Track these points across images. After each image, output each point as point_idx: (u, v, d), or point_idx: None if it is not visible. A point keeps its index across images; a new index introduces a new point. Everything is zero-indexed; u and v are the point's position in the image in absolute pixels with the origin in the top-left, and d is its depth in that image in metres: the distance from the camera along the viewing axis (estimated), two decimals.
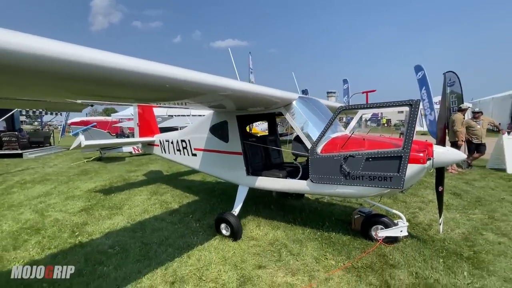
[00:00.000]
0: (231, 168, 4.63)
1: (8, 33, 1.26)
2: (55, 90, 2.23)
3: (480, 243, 3.72)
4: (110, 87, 2.15)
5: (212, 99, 3.30)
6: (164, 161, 11.70)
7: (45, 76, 1.61)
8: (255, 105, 3.97)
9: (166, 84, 2.22)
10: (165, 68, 2.12)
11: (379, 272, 3.07)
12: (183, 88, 2.43)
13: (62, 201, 6.06)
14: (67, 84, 1.97)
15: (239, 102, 3.80)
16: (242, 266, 3.29)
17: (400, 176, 3.08)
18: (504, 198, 5.56)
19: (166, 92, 2.51)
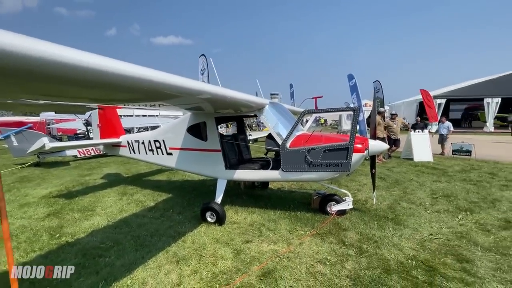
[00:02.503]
0: (210, 164, 5.20)
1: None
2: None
3: (399, 209, 5.18)
4: (85, 88, 2.06)
5: (194, 102, 3.67)
6: (118, 163, 11.32)
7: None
8: (235, 109, 4.66)
9: (146, 87, 2.22)
10: (147, 71, 2.13)
11: (336, 235, 4.13)
12: (171, 92, 2.54)
13: (17, 209, 5.64)
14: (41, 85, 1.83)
15: (222, 106, 4.43)
16: (232, 243, 3.97)
17: (348, 162, 4.21)
18: (412, 179, 7.48)
19: (146, 94, 2.52)
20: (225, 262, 3.45)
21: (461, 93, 26.68)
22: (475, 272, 3.11)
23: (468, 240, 3.88)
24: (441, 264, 3.28)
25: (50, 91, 2.12)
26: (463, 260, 3.37)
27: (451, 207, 5.24)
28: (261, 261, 3.47)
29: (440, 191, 6.25)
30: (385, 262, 3.36)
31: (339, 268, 3.26)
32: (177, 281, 3.07)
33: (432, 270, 3.15)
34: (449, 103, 28.26)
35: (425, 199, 5.76)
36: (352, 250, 3.67)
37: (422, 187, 6.64)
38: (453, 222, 4.54)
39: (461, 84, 29.25)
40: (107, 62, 1.79)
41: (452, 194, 6.03)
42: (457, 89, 27.33)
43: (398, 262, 3.36)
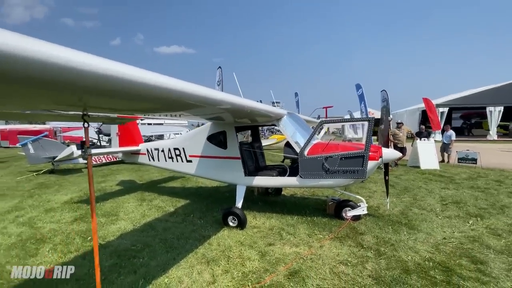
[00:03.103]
0: (230, 171, 5.46)
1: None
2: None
3: (411, 215, 5.39)
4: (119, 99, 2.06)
5: (216, 112, 3.85)
6: (130, 170, 11.61)
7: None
8: (255, 119, 4.96)
9: (175, 97, 2.22)
10: (178, 82, 2.14)
11: (354, 239, 4.35)
12: (194, 102, 2.55)
13: (44, 214, 5.90)
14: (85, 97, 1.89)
15: (242, 116, 4.72)
16: (255, 246, 4.19)
17: (364, 169, 4.47)
18: (421, 186, 7.68)
19: (169, 104, 2.53)
20: (252, 263, 3.67)
21: (463, 102, 27.01)
22: (490, 272, 3.32)
23: (480, 244, 4.09)
24: (457, 265, 3.49)
25: (84, 102, 2.12)
26: (477, 261, 3.57)
27: (462, 213, 5.45)
28: (286, 262, 3.69)
29: (449, 198, 6.45)
30: (404, 263, 3.57)
31: (361, 269, 3.48)
32: (211, 280, 3.29)
33: (449, 271, 3.36)
34: (452, 112, 28.59)
35: (435, 205, 5.97)
36: (370, 253, 3.89)
37: (431, 194, 6.85)
38: (465, 227, 4.74)
39: (463, 93, 29.58)
40: (142, 74, 1.76)
41: (461, 200, 6.23)
42: (460, 98, 27.67)
43: (416, 263, 3.57)
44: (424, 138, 11.06)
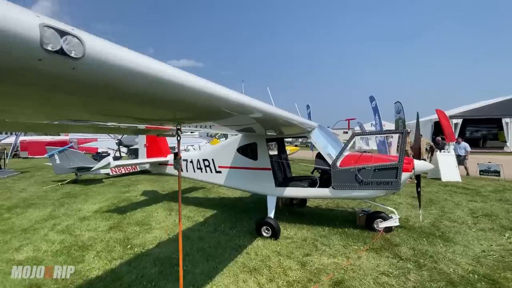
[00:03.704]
0: (260, 182, 5.59)
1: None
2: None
3: (443, 227, 5.36)
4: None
5: (246, 122, 3.87)
6: (149, 181, 11.85)
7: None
8: (288, 131, 5.12)
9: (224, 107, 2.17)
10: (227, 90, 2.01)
11: (390, 250, 4.36)
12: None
13: (79, 222, 6.10)
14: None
15: (275, 127, 4.89)
16: (293, 256, 4.25)
17: (398, 181, 4.53)
18: (447, 199, 7.61)
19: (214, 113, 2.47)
20: (295, 272, 3.73)
21: (478, 113, 26.65)
22: None
23: None
24: (503, 278, 3.47)
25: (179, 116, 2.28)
26: None
27: (495, 226, 5.38)
28: (327, 272, 3.73)
29: (479, 211, 6.38)
30: (447, 276, 3.57)
31: (404, 280, 3.49)
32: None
33: (496, 283, 3.35)
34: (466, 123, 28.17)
35: (466, 218, 5.91)
36: (410, 264, 3.90)
37: (459, 207, 6.78)
38: (502, 240, 4.69)
39: (478, 104, 29.23)
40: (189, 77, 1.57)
41: (492, 213, 6.15)
42: (474, 109, 27.33)
43: (459, 275, 3.57)
44: (444, 150, 10.99)
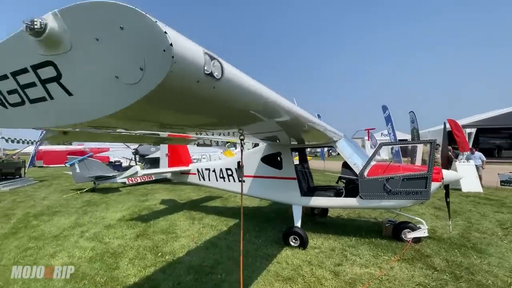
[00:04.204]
0: (286, 191, 5.63)
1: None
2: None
3: (473, 239, 5.27)
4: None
5: (273, 129, 4.05)
6: (165, 190, 11.99)
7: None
8: (316, 140, 5.19)
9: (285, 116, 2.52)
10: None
11: (422, 261, 4.31)
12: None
13: (105, 230, 6.21)
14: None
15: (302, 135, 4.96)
16: (324, 265, 4.25)
17: (427, 191, 4.52)
18: (471, 210, 7.48)
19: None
20: (329, 282, 3.73)
21: (492, 122, 26.22)
22: None
23: None
24: None
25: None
26: None
27: None
28: (362, 282, 3.71)
29: (508, 222, 6.25)
30: None
31: None
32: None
33: None
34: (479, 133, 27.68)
35: (495, 229, 5.80)
36: (446, 275, 3.84)
37: (486, 218, 6.65)
38: None
39: (492, 113, 28.74)
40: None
41: None
42: (488, 118, 26.90)
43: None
44: (455, 160, 10.85)
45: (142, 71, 0.93)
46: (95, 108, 1.04)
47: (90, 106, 1.05)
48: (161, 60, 0.93)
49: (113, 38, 0.93)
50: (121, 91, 0.97)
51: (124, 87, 0.96)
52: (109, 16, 0.92)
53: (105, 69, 0.97)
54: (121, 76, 0.96)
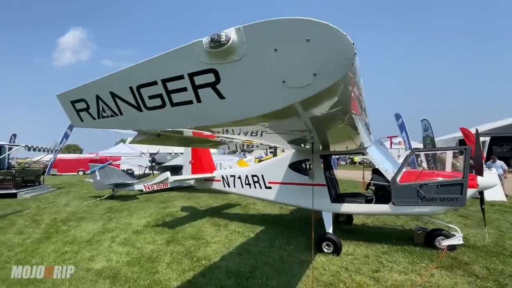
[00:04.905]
0: (315, 198, 5.65)
1: None
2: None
3: (508, 247, 5.18)
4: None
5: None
6: (182, 197, 12.09)
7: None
8: (344, 145, 5.24)
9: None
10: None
11: (462, 268, 4.27)
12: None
13: (135, 236, 6.31)
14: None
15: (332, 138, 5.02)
16: (362, 271, 4.24)
17: (463, 197, 4.51)
18: (499, 218, 7.35)
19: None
20: (372, 287, 3.72)
21: (505, 131, 25.77)
22: None
23: None
24: None
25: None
26: None
27: None
28: None
29: None
30: None
31: None
32: None
33: None
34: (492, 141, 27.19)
35: None
36: (490, 283, 3.80)
37: None
38: None
39: (505, 121, 28.23)
40: None
41: None
42: (502, 126, 26.46)
43: None
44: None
45: (314, 76, 1.07)
46: (248, 108, 1.17)
47: (242, 107, 1.18)
48: (340, 66, 1.08)
49: (295, 48, 1.08)
50: (284, 94, 1.12)
51: (287, 90, 1.10)
52: (296, 31, 1.07)
53: (274, 75, 1.11)
54: (288, 81, 1.10)
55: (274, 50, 1.09)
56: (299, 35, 1.06)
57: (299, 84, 1.10)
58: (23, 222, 7.73)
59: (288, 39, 1.08)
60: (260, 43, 1.11)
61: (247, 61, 1.13)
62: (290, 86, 1.10)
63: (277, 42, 1.09)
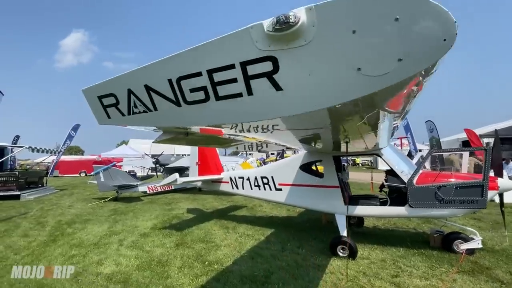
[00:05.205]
0: (328, 200, 5.52)
1: None
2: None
3: None
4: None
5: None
6: (187, 199, 11.96)
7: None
8: (360, 146, 5.11)
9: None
10: None
11: (484, 273, 4.12)
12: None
13: (142, 238, 6.18)
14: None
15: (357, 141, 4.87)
16: (381, 276, 4.09)
17: (484, 199, 4.37)
18: None
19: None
20: None
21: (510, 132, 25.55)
22: None
23: None
24: None
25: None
26: None
27: None
28: None
29: None
30: None
31: None
32: None
33: None
34: None
35: None
36: None
37: None
38: None
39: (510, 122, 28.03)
40: None
41: None
42: (506, 128, 26.20)
43: None
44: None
45: (398, 62, 0.92)
46: (310, 101, 1.04)
47: (303, 99, 1.05)
48: (434, 50, 0.91)
49: (379, 29, 0.93)
50: (357, 83, 0.96)
51: (362, 78, 0.95)
52: (384, 8, 0.92)
53: (348, 61, 0.96)
54: (365, 67, 0.95)
55: (352, 32, 0.95)
56: (386, 13, 0.91)
57: (378, 72, 0.95)
58: (28, 224, 7.61)
59: (372, 19, 0.93)
60: (334, 25, 0.96)
61: (316, 45, 0.99)
62: (366, 74, 0.96)
63: (357, 22, 0.94)
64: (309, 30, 0.99)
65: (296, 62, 1.04)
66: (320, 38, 0.99)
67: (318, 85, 1.04)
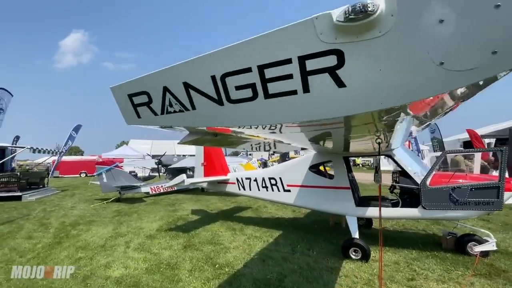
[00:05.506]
0: (339, 201, 5.44)
1: None
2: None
3: None
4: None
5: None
6: (190, 200, 11.86)
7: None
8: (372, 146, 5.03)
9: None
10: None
11: (502, 277, 4.04)
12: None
13: (149, 240, 6.08)
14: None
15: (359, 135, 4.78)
16: (396, 280, 4.01)
17: (500, 201, 4.30)
18: None
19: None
20: None
21: None
22: None
23: None
24: None
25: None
26: None
27: None
28: None
29: None
30: None
31: None
32: None
33: None
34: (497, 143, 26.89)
35: None
36: None
37: None
38: None
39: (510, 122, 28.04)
40: None
41: None
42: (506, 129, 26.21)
43: None
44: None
45: (492, 55, 0.83)
46: (379, 98, 0.95)
47: (371, 96, 0.96)
48: None
49: (474, 18, 0.83)
50: (439, 78, 0.87)
51: (444, 74, 0.86)
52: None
53: (431, 54, 0.87)
54: (450, 61, 0.85)
55: (439, 21, 0.85)
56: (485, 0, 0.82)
57: (465, 66, 0.85)
58: (31, 226, 7.51)
59: (466, 6, 0.83)
60: (417, 14, 0.87)
61: (393, 37, 0.89)
62: (450, 69, 0.86)
63: (445, 11, 0.84)
64: (387, 20, 0.89)
65: (366, 56, 0.94)
66: (399, 29, 0.89)
67: (389, 82, 0.94)
